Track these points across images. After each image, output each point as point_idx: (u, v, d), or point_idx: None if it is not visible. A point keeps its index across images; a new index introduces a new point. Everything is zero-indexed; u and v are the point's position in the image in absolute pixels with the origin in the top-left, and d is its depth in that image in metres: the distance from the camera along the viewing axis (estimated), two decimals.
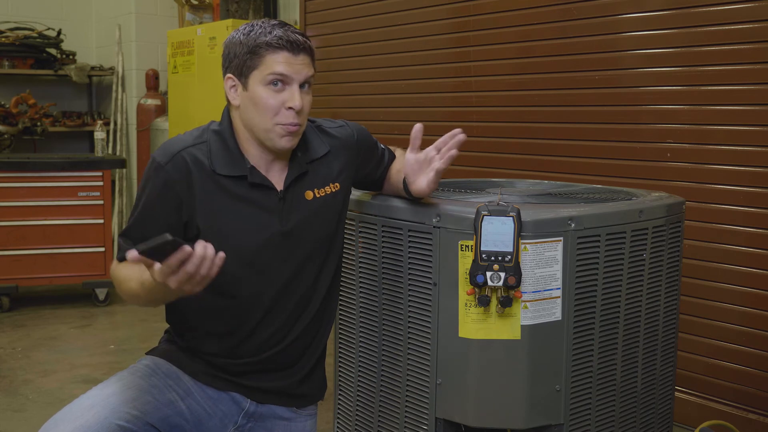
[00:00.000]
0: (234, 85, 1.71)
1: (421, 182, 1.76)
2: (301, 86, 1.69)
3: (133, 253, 1.34)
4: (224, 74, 1.73)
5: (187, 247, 1.39)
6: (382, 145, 1.99)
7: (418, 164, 1.77)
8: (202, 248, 1.41)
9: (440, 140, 1.75)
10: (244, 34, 1.69)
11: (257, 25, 1.70)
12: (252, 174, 1.72)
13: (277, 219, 1.74)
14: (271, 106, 1.66)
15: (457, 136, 1.74)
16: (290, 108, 1.67)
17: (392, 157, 1.99)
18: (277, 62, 1.65)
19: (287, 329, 1.80)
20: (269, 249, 1.74)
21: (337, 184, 1.84)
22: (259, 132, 1.70)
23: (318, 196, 1.80)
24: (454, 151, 1.72)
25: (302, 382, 1.86)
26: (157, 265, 1.40)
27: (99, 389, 1.68)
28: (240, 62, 1.68)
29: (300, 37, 1.68)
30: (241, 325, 1.77)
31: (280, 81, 1.66)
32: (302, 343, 1.84)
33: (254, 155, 1.74)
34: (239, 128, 1.75)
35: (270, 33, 1.66)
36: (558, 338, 1.70)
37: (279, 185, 1.75)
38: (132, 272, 1.62)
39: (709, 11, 2.80)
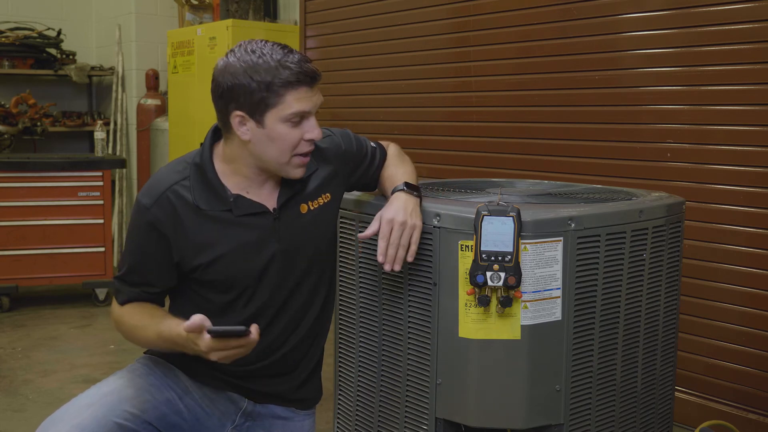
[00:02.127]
0: (243, 122, 1.64)
1: None
2: None
3: (206, 340, 1.48)
4: (228, 109, 1.64)
5: (252, 336, 1.51)
6: (373, 144, 1.96)
7: None
8: (256, 333, 1.51)
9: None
10: (249, 67, 1.59)
11: (259, 54, 1.60)
12: (237, 206, 1.70)
13: (274, 238, 1.74)
14: (292, 141, 1.64)
15: None
16: (309, 139, 1.66)
17: (383, 155, 1.97)
18: (298, 100, 1.61)
19: (285, 338, 1.81)
20: (270, 268, 1.74)
21: (329, 195, 1.83)
22: (273, 164, 1.67)
23: (312, 208, 1.79)
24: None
25: (300, 387, 1.87)
26: (207, 337, 1.49)
27: (97, 388, 1.68)
28: (253, 100, 1.60)
29: (311, 67, 1.64)
30: None
31: (300, 117, 1.64)
32: (300, 350, 1.84)
33: (247, 176, 1.71)
34: (232, 155, 1.69)
35: (284, 68, 1.59)
36: (558, 338, 1.70)
37: (271, 203, 1.74)
38: (148, 321, 1.68)
39: (709, 11, 2.80)
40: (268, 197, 1.74)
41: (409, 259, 1.70)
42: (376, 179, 1.95)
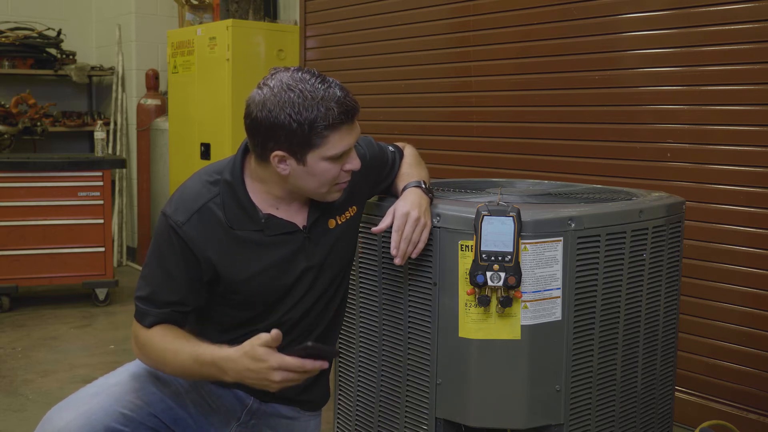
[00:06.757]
0: (284, 160, 1.60)
1: None
2: None
3: (279, 357, 1.47)
4: (266, 146, 1.58)
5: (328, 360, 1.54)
6: (391, 147, 1.95)
7: None
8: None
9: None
10: (289, 105, 1.53)
11: (298, 92, 1.54)
12: (268, 227, 1.68)
13: (303, 256, 1.72)
14: (333, 175, 1.62)
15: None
16: (349, 170, 1.65)
17: (401, 155, 1.97)
18: (341, 140, 1.58)
19: (297, 343, 1.80)
20: (297, 285, 1.74)
21: (355, 207, 1.83)
22: (312, 194, 1.66)
23: (340, 222, 1.79)
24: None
25: (306, 390, 1.86)
26: (276, 357, 1.48)
27: (104, 379, 1.72)
28: (294, 141, 1.56)
29: (351, 102, 1.59)
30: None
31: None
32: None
33: (278, 196, 1.69)
34: (265, 177, 1.66)
35: (326, 108, 1.54)
36: (558, 338, 1.70)
37: (301, 220, 1.72)
38: (180, 346, 1.61)
39: (709, 11, 2.80)
40: (297, 213, 1.72)
41: (414, 255, 1.70)
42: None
